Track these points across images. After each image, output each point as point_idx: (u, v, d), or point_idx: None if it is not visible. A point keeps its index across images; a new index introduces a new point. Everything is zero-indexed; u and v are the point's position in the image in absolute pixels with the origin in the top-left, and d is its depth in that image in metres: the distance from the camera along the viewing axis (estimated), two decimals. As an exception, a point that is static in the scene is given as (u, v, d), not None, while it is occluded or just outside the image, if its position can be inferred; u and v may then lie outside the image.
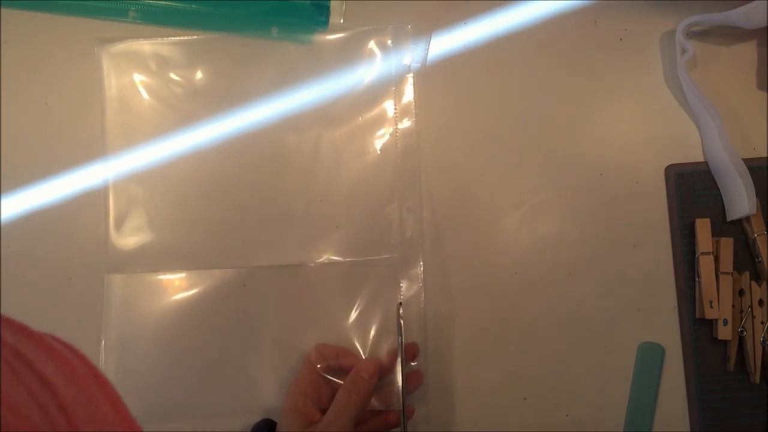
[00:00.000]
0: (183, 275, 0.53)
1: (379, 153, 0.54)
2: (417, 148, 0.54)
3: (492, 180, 0.54)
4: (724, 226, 0.52)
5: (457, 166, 0.54)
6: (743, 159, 0.51)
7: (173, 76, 0.54)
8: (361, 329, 0.52)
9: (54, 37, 0.55)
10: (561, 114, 0.54)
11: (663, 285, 0.52)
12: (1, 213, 0.54)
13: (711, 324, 0.51)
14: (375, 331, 0.52)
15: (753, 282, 0.51)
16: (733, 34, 0.54)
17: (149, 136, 0.54)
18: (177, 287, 0.53)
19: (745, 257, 0.52)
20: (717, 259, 0.51)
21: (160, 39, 0.55)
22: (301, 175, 0.53)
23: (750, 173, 0.51)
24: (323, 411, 0.46)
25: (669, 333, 0.52)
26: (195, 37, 0.55)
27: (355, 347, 0.51)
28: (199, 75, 0.54)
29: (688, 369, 0.52)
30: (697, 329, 0.52)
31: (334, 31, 0.54)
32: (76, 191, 0.54)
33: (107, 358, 0.52)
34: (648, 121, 0.54)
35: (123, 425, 0.24)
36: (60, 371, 0.23)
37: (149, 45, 0.54)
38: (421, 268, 0.52)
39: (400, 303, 0.51)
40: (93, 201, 0.54)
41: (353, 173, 0.53)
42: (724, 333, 0.50)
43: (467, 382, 0.52)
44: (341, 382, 0.48)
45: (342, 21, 0.55)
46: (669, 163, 0.53)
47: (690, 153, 0.53)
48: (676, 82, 0.54)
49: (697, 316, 0.51)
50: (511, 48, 0.55)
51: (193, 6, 0.55)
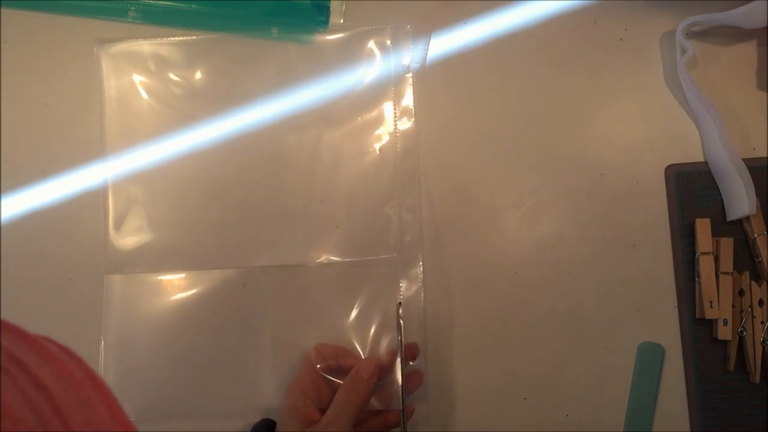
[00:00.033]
0: (183, 275, 0.53)
1: (379, 153, 0.54)
2: (416, 148, 0.54)
3: (492, 180, 0.54)
4: (724, 226, 0.52)
5: (457, 166, 0.54)
6: (743, 159, 0.51)
7: (172, 76, 0.54)
8: (361, 329, 0.52)
9: (54, 37, 0.55)
10: (561, 114, 0.54)
11: (663, 285, 0.52)
12: (1, 213, 0.54)
13: (711, 324, 0.51)
14: (375, 331, 0.52)
15: (753, 282, 0.51)
16: (733, 34, 0.54)
17: (149, 136, 0.54)
18: (177, 287, 0.53)
19: (745, 257, 0.52)
20: (717, 259, 0.51)
21: (159, 39, 0.55)
22: (301, 176, 0.53)
23: (750, 173, 0.51)
24: (323, 411, 0.46)
25: (669, 333, 0.52)
26: (194, 38, 0.55)
27: (355, 347, 0.51)
28: (199, 75, 0.54)
29: (688, 369, 0.52)
30: (697, 329, 0.52)
31: (333, 32, 0.54)
32: (75, 191, 0.54)
33: (107, 358, 0.52)
34: (648, 121, 0.54)
35: (119, 428, 0.24)
36: (56, 374, 0.23)
37: (148, 45, 0.54)
38: (421, 268, 0.52)
39: (399, 303, 0.51)
40: (93, 201, 0.54)
41: (353, 173, 0.53)
42: (724, 333, 0.50)
43: (467, 381, 0.52)
44: (341, 382, 0.48)
45: (342, 21, 0.55)
46: (669, 163, 0.53)
47: (690, 153, 0.53)
48: (676, 82, 0.54)
49: (697, 316, 0.51)
50: (511, 48, 0.55)
51: (193, 6, 0.55)
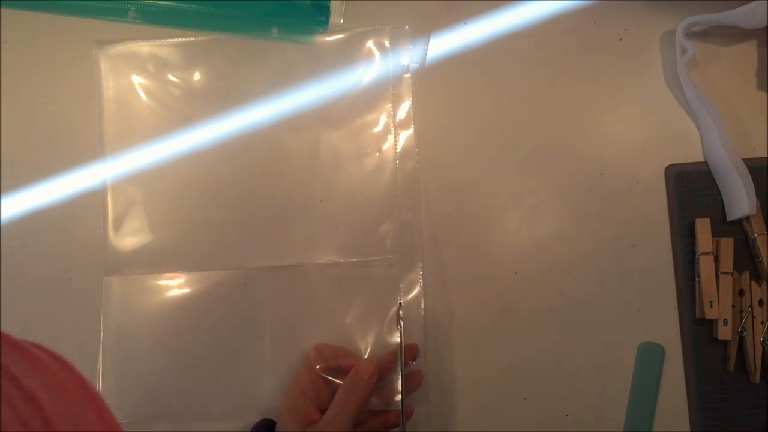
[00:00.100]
0: (182, 276, 0.53)
1: (378, 154, 0.54)
2: (416, 148, 0.54)
3: (491, 180, 0.54)
4: (724, 226, 0.52)
5: (456, 166, 0.54)
6: (743, 159, 0.51)
7: (171, 77, 0.54)
8: (361, 329, 0.52)
9: (54, 38, 0.55)
10: (561, 114, 0.54)
11: (663, 285, 0.52)
12: (1, 213, 0.54)
13: (711, 324, 0.51)
14: (374, 332, 0.52)
15: (753, 282, 0.51)
16: (733, 34, 0.54)
17: (148, 137, 0.54)
18: (176, 288, 0.53)
19: (745, 257, 0.52)
20: (717, 259, 0.51)
21: (157, 40, 0.55)
22: (301, 176, 0.53)
23: (750, 173, 0.51)
24: (322, 411, 0.46)
25: (669, 333, 0.52)
26: (193, 39, 0.55)
27: (355, 347, 0.51)
28: (197, 76, 0.54)
29: (688, 369, 0.52)
30: (697, 329, 0.52)
31: (333, 32, 0.54)
32: (75, 191, 0.54)
33: (106, 359, 0.52)
34: (648, 121, 0.54)
35: None
36: (46, 385, 0.23)
37: (147, 46, 0.55)
38: (421, 268, 0.52)
39: (400, 303, 0.51)
40: (92, 201, 0.54)
41: (352, 174, 0.53)
42: (724, 333, 0.50)
43: (467, 382, 0.52)
44: (340, 382, 0.48)
45: (342, 21, 0.55)
46: (669, 163, 0.53)
47: (690, 153, 0.53)
48: (676, 82, 0.54)
49: (697, 316, 0.51)
50: (511, 48, 0.55)
51: (193, 6, 0.55)
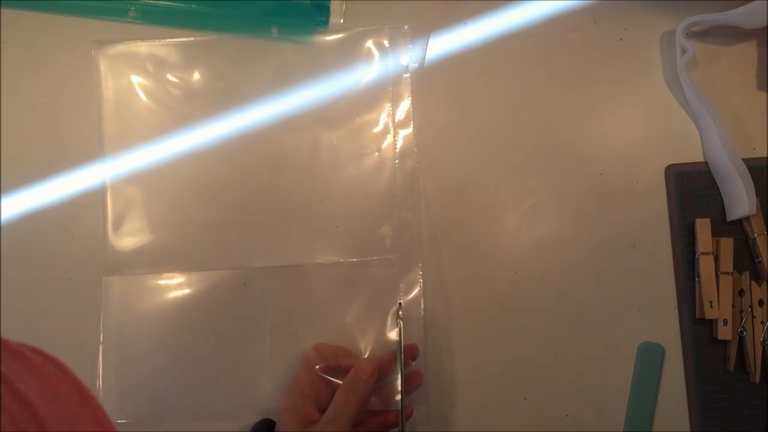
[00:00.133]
0: (182, 277, 0.53)
1: (378, 153, 0.54)
2: (415, 148, 0.54)
3: (491, 180, 0.54)
4: (724, 226, 0.52)
5: (456, 165, 0.54)
6: (743, 159, 0.51)
7: (170, 77, 0.54)
8: (360, 329, 0.52)
9: (54, 38, 0.55)
10: (561, 114, 0.54)
11: (663, 285, 0.52)
12: (1, 213, 0.54)
13: (711, 324, 0.51)
14: (374, 331, 0.52)
15: (753, 282, 0.51)
16: (733, 34, 0.54)
17: (147, 137, 0.54)
18: (176, 289, 0.53)
19: (745, 257, 0.52)
20: (717, 259, 0.51)
21: (156, 41, 0.55)
22: (300, 176, 0.53)
23: (750, 173, 0.51)
24: (322, 411, 0.46)
25: (669, 333, 0.52)
26: (192, 39, 0.55)
27: (354, 347, 0.51)
28: (197, 76, 0.54)
29: (688, 369, 0.51)
30: (697, 329, 0.52)
31: (333, 32, 0.54)
32: (74, 191, 0.54)
33: (106, 359, 0.52)
34: (648, 121, 0.54)
35: None
36: (41, 389, 0.22)
37: (146, 47, 0.55)
38: (420, 268, 0.52)
39: (400, 303, 0.51)
40: (92, 201, 0.54)
41: (352, 174, 0.53)
42: (724, 333, 0.50)
43: (467, 381, 0.52)
44: (340, 382, 0.48)
45: (342, 21, 0.55)
46: (669, 163, 0.53)
47: (690, 153, 0.53)
48: (676, 82, 0.54)
49: (697, 316, 0.51)
50: (510, 48, 0.55)
51: (193, 6, 0.55)
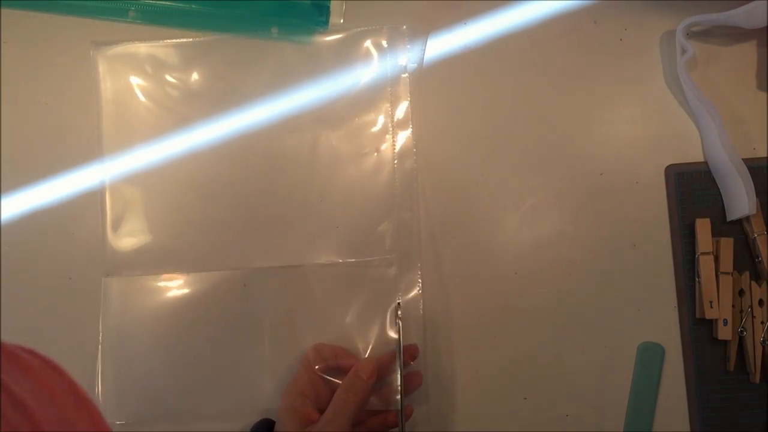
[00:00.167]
0: (181, 277, 0.53)
1: (377, 154, 0.54)
2: (414, 148, 0.54)
3: (491, 180, 0.54)
4: (724, 226, 0.52)
5: (455, 166, 0.54)
6: (743, 159, 0.51)
7: (169, 78, 0.54)
8: (360, 329, 0.52)
9: (53, 38, 0.55)
10: (561, 114, 0.54)
11: (663, 285, 0.52)
12: (1, 213, 0.54)
13: (711, 324, 0.51)
14: (373, 331, 0.52)
15: (753, 282, 0.51)
16: (733, 34, 0.54)
17: (145, 138, 0.54)
18: (175, 289, 0.53)
19: (745, 257, 0.52)
20: (717, 259, 0.51)
21: (155, 41, 0.55)
22: (299, 176, 0.53)
23: (750, 173, 0.51)
24: (321, 411, 0.46)
25: (669, 333, 0.52)
26: (191, 40, 0.55)
27: (354, 347, 0.51)
28: (195, 77, 0.54)
29: (688, 369, 0.51)
30: (697, 329, 0.52)
31: (332, 32, 0.54)
32: (74, 192, 0.54)
33: (105, 360, 0.52)
34: (648, 121, 0.54)
35: None
36: (36, 392, 0.22)
37: (145, 47, 0.55)
38: (420, 268, 0.52)
39: (398, 303, 0.51)
40: (91, 201, 0.54)
41: (351, 174, 0.53)
42: (724, 333, 0.50)
43: (466, 381, 0.52)
44: (339, 382, 0.47)
45: (342, 21, 0.55)
46: (669, 163, 0.53)
47: (690, 153, 0.53)
48: (676, 82, 0.54)
49: (697, 316, 0.51)
50: (510, 48, 0.55)
51: (193, 6, 0.55)
